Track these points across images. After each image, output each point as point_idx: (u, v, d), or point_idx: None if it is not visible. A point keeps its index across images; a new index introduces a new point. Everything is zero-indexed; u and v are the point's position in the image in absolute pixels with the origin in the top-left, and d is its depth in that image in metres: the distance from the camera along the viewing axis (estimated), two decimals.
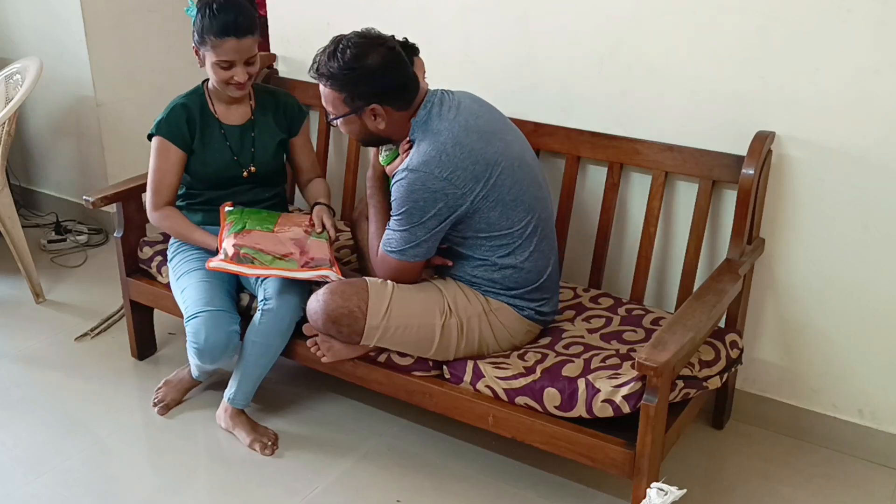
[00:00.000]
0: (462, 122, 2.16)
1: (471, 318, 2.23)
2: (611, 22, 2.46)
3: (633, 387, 2.01)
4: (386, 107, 2.15)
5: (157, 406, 2.62)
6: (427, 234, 2.15)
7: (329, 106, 2.20)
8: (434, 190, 2.10)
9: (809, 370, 2.47)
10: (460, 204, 2.12)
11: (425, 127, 2.16)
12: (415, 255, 2.18)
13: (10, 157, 3.68)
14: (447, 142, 2.12)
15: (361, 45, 2.12)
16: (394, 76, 2.14)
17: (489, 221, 2.17)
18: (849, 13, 2.14)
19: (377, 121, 2.17)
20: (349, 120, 2.20)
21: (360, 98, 2.14)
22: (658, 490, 1.69)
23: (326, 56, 2.14)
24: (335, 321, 2.20)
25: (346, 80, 2.12)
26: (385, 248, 2.21)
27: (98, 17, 3.55)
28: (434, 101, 2.19)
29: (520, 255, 2.22)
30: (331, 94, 2.17)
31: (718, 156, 2.35)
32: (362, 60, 2.11)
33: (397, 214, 2.15)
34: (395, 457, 2.47)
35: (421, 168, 2.10)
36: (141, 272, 2.80)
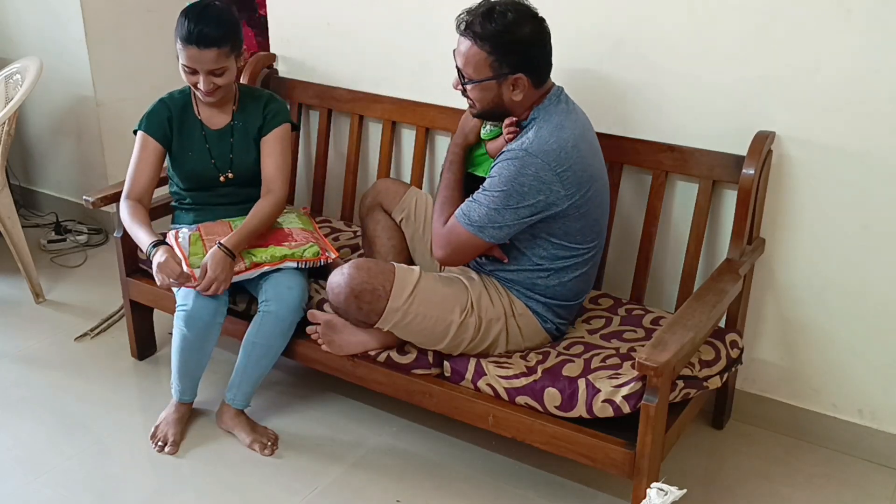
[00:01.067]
0: (581, 128, 2.16)
1: (491, 321, 2.22)
2: (611, 21, 2.46)
3: (634, 387, 2.01)
4: (529, 78, 2.11)
5: (163, 449, 2.46)
6: (515, 220, 2.11)
7: (470, 67, 2.12)
8: (543, 181, 2.07)
9: (809, 370, 2.47)
10: (558, 204, 2.11)
11: (548, 116, 2.13)
12: (492, 236, 2.14)
13: (10, 157, 3.68)
14: (569, 140, 2.10)
15: (521, 12, 2.09)
16: (544, 50, 2.12)
17: (568, 231, 2.16)
18: (849, 13, 2.14)
19: (515, 91, 2.12)
20: (487, 86, 2.13)
21: (509, 65, 2.09)
22: (658, 490, 1.69)
23: (480, 16, 2.09)
24: (357, 296, 2.18)
25: (501, 43, 2.07)
26: (463, 218, 2.15)
27: (98, 17, 3.55)
28: (560, 97, 2.18)
29: (572, 273, 2.23)
30: (478, 54, 2.09)
31: (718, 156, 2.35)
32: (520, 27, 2.07)
33: (494, 191, 2.10)
34: (395, 457, 2.47)
35: (539, 155, 2.07)
36: (141, 272, 2.80)
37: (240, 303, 2.57)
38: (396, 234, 2.54)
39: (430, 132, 2.87)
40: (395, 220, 2.55)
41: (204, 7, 2.40)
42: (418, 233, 2.54)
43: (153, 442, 2.49)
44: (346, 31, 2.98)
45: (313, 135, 3.13)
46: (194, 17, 2.37)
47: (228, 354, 2.73)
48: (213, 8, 2.41)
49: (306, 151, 3.17)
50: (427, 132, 2.86)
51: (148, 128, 2.54)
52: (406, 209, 2.54)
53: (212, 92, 2.45)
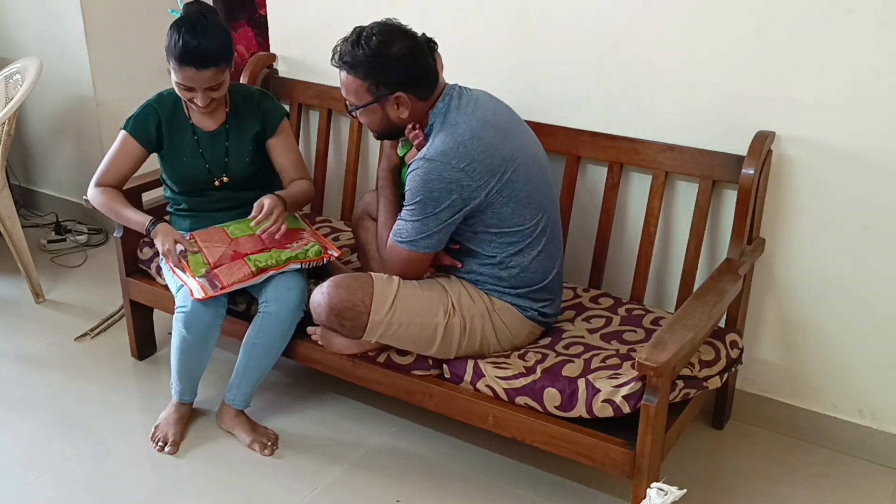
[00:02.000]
0: (480, 117, 2.16)
1: (474, 318, 2.23)
2: (611, 22, 2.46)
3: (634, 387, 2.01)
4: (410, 95, 2.14)
5: (163, 449, 2.47)
6: (439, 225, 2.14)
7: (351, 96, 2.18)
8: (450, 180, 2.09)
9: (809, 370, 2.47)
10: (474, 197, 2.12)
11: (443, 119, 2.16)
12: (426, 247, 2.17)
13: (10, 157, 3.68)
14: (465, 134, 2.12)
15: (386, 33, 2.13)
16: (418, 64, 2.14)
17: (501, 217, 2.17)
18: (849, 13, 2.14)
19: (400, 110, 2.16)
20: (371, 109, 2.18)
21: (385, 86, 2.13)
22: (658, 490, 1.69)
23: (350, 45, 2.13)
24: (339, 314, 2.20)
25: (372, 68, 2.12)
26: (395, 238, 2.20)
27: (98, 17, 3.55)
28: (453, 95, 2.20)
29: (528, 255, 2.22)
30: (354, 82, 2.15)
31: (718, 156, 2.35)
32: (388, 48, 2.11)
33: (410, 204, 2.14)
34: (395, 457, 2.47)
35: (438, 158, 2.10)
36: (141, 272, 2.80)
37: (239, 303, 2.57)
38: None
39: None
40: None
41: (195, 22, 2.32)
42: None
43: (153, 442, 2.49)
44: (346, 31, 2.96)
45: (313, 135, 3.13)
46: (189, 34, 2.30)
47: (228, 354, 2.73)
48: (204, 22, 2.33)
49: (306, 151, 3.17)
50: None
51: (133, 131, 2.51)
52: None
53: (208, 105, 2.43)
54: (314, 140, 3.12)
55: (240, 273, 2.39)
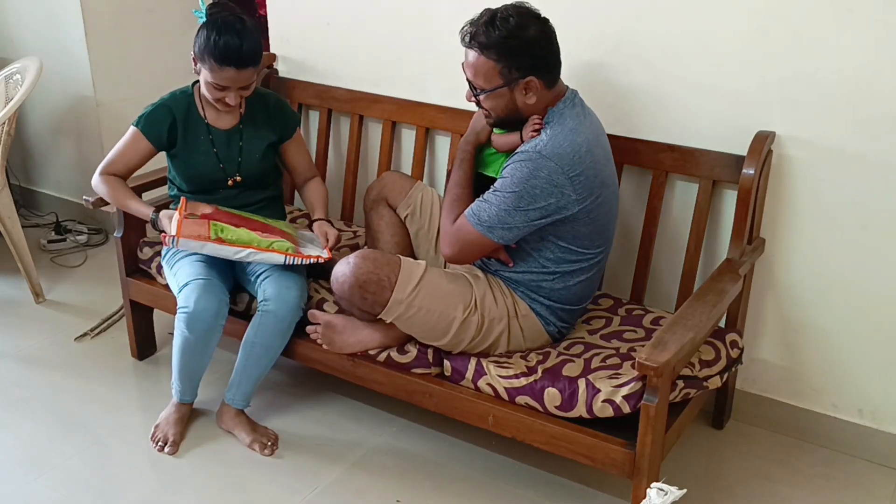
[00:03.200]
0: (595, 133, 2.16)
1: (493, 320, 2.22)
2: (611, 22, 2.46)
3: (634, 387, 2.01)
4: (541, 80, 2.11)
5: (163, 448, 2.46)
6: (524, 222, 2.11)
7: (479, 79, 2.12)
8: (555, 184, 2.07)
9: (809, 370, 2.47)
10: (569, 208, 2.10)
11: (562, 119, 2.13)
12: (501, 237, 2.14)
13: (10, 157, 3.68)
14: (583, 144, 2.09)
15: (522, 15, 2.09)
16: (551, 50, 2.12)
17: (576, 235, 2.16)
18: (849, 13, 2.14)
19: (528, 95, 2.12)
20: (500, 93, 2.13)
21: (518, 70, 2.09)
22: (658, 490, 1.69)
23: (483, 25, 2.08)
24: (362, 286, 2.18)
25: (507, 50, 2.07)
26: (473, 218, 2.14)
27: (98, 17, 3.55)
28: (574, 100, 2.17)
29: (577, 277, 2.23)
30: (486, 64, 2.09)
31: (718, 156, 2.35)
32: (525, 31, 2.07)
33: (506, 192, 2.09)
34: (395, 457, 2.47)
35: (553, 158, 2.06)
36: (141, 272, 2.80)
37: (239, 302, 2.57)
38: (400, 230, 2.53)
39: (430, 132, 2.87)
40: (400, 215, 2.54)
41: (233, 23, 2.34)
42: (423, 229, 2.53)
43: (153, 442, 2.49)
44: (346, 31, 2.98)
45: (313, 135, 3.14)
46: (228, 34, 2.31)
47: (228, 354, 2.73)
48: (240, 22, 2.35)
49: None
50: (427, 132, 2.86)
51: (144, 128, 2.51)
52: (412, 205, 2.53)
53: (235, 105, 2.44)
54: (314, 140, 3.12)
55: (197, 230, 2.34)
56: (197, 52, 2.38)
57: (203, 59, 2.37)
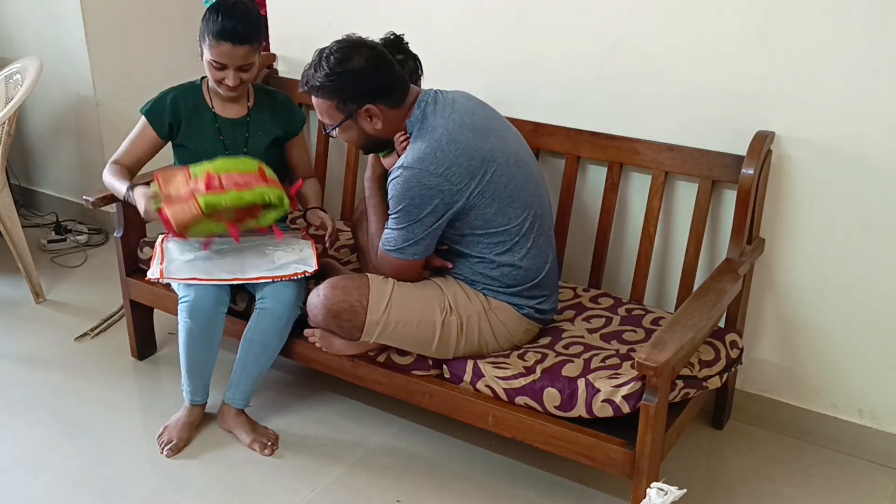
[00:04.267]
0: (457, 120, 2.16)
1: (471, 317, 2.23)
2: (611, 22, 2.46)
3: (633, 387, 2.01)
4: (379, 105, 2.15)
5: (164, 449, 2.46)
6: (425, 231, 2.15)
7: (325, 117, 2.21)
8: (429, 186, 2.10)
9: (809, 370, 2.47)
10: (456, 200, 2.13)
11: (420, 125, 2.17)
12: (414, 253, 2.19)
13: (10, 157, 3.68)
14: (441, 138, 2.12)
15: (343, 49, 2.14)
16: (381, 73, 2.15)
17: (485, 218, 2.17)
18: (848, 13, 2.14)
19: (373, 122, 2.18)
20: (346, 126, 2.20)
21: (352, 101, 2.15)
22: (658, 490, 1.69)
23: (312, 68, 2.16)
24: (336, 315, 2.21)
25: (335, 86, 2.14)
26: (385, 246, 2.22)
27: (98, 17, 3.55)
28: (428, 100, 2.20)
29: (517, 253, 2.22)
30: (323, 103, 2.18)
31: (718, 156, 2.35)
32: (347, 63, 2.12)
33: (394, 212, 2.16)
34: (395, 457, 2.47)
35: (416, 165, 2.11)
36: (141, 272, 2.80)
37: (239, 302, 2.57)
38: None
39: None
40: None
41: (234, 4, 2.43)
42: None
43: (158, 442, 2.48)
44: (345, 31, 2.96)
45: (313, 135, 3.13)
46: (227, 13, 2.40)
47: (229, 354, 2.72)
48: (242, 4, 2.45)
49: None
50: None
51: (149, 115, 2.57)
52: None
53: (237, 87, 2.48)
54: (314, 140, 3.12)
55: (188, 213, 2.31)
56: (200, 34, 2.46)
57: (203, 38, 2.44)
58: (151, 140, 2.59)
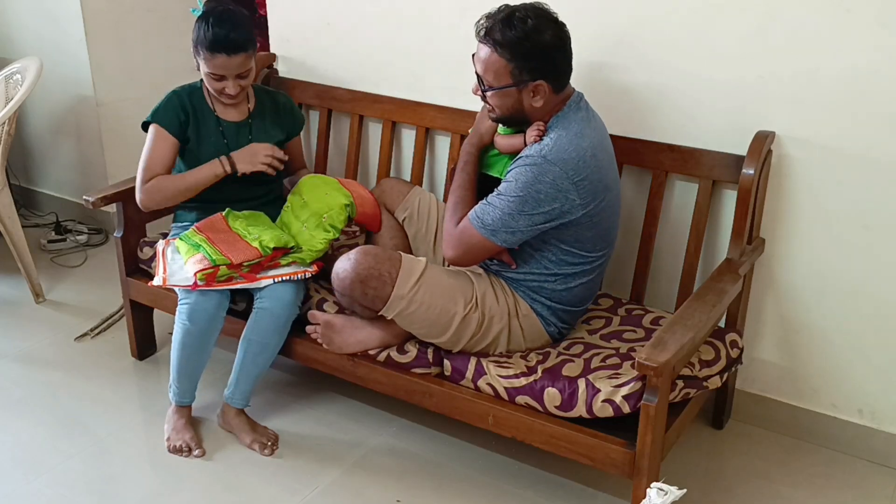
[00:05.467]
0: (600, 137, 2.15)
1: (493, 318, 2.22)
2: (611, 22, 2.46)
3: (634, 387, 2.01)
4: (550, 85, 2.10)
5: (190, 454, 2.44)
6: (528, 226, 2.10)
7: (489, 75, 2.10)
8: (560, 189, 2.06)
9: (809, 370, 2.47)
10: (573, 213, 2.10)
11: (567, 123, 2.12)
12: (504, 240, 2.13)
13: (10, 157, 3.68)
14: (588, 149, 2.08)
15: (541, 17, 2.07)
16: (564, 56, 2.11)
17: (579, 238, 2.16)
18: (848, 13, 2.14)
19: (535, 98, 2.10)
20: (507, 93, 2.11)
21: (529, 72, 2.07)
22: (658, 490, 1.69)
23: (500, 22, 2.06)
24: (363, 281, 2.17)
25: (521, 51, 2.05)
26: (476, 221, 2.14)
27: (98, 17, 3.55)
28: (580, 104, 2.16)
29: (579, 279, 2.22)
30: (498, 62, 2.07)
31: (718, 156, 2.35)
32: (541, 34, 2.05)
33: (510, 196, 2.09)
34: (395, 457, 2.47)
35: (558, 163, 2.05)
36: (141, 272, 2.80)
37: (239, 302, 2.57)
38: (399, 233, 2.54)
39: (429, 132, 2.87)
40: (398, 218, 2.55)
41: (221, 13, 2.42)
42: (421, 232, 2.54)
43: (175, 453, 2.46)
44: (346, 31, 2.98)
45: (313, 135, 3.13)
46: (218, 23, 2.39)
47: (229, 354, 2.72)
48: (231, 12, 2.44)
49: (307, 151, 3.17)
50: (427, 132, 2.86)
51: (163, 120, 2.52)
52: (409, 208, 2.54)
53: (237, 94, 2.48)
54: (314, 140, 3.12)
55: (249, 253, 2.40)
56: (193, 45, 2.45)
57: (197, 52, 2.44)
58: (171, 144, 2.53)
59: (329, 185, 2.54)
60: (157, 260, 2.54)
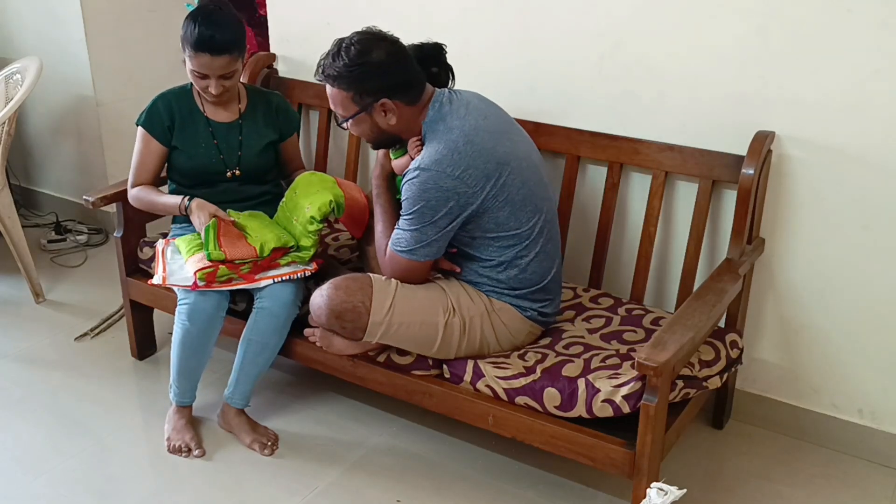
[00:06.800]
0: (472, 122, 2.15)
1: (473, 318, 2.23)
2: (611, 22, 2.46)
3: (633, 387, 2.01)
4: (395, 101, 2.13)
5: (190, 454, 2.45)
6: (438, 233, 2.14)
7: (338, 108, 2.18)
8: (446, 188, 2.09)
9: (809, 370, 2.47)
10: (471, 203, 2.12)
11: (435, 126, 2.15)
12: (425, 255, 2.18)
13: (10, 157, 3.68)
14: (458, 140, 2.11)
15: (364, 41, 2.12)
16: (400, 69, 2.13)
17: (498, 221, 2.17)
18: (849, 13, 2.14)
19: (388, 116, 2.15)
20: (360, 119, 2.18)
21: (369, 94, 2.12)
22: (658, 490, 1.69)
23: (330, 58, 2.14)
24: (339, 316, 2.20)
25: (353, 78, 2.11)
26: (395, 247, 2.20)
27: (98, 17, 3.55)
28: (442, 101, 2.18)
29: (526, 257, 2.22)
30: (339, 94, 2.15)
31: (718, 156, 2.35)
32: (367, 56, 2.10)
33: (408, 214, 2.14)
34: (395, 457, 2.47)
35: (433, 166, 2.09)
36: (141, 272, 2.80)
37: (239, 302, 2.57)
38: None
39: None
40: None
41: (211, 12, 2.42)
42: None
43: (175, 454, 2.46)
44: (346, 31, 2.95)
45: (313, 135, 3.13)
46: (204, 23, 2.38)
47: (229, 354, 2.72)
48: (220, 13, 2.43)
49: (307, 151, 3.17)
50: None
51: (148, 126, 2.55)
52: None
53: (220, 94, 2.48)
54: (314, 140, 3.12)
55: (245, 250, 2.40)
56: (181, 43, 2.45)
57: (183, 48, 2.44)
58: (157, 149, 2.57)
59: (323, 182, 2.53)
60: (156, 259, 2.55)
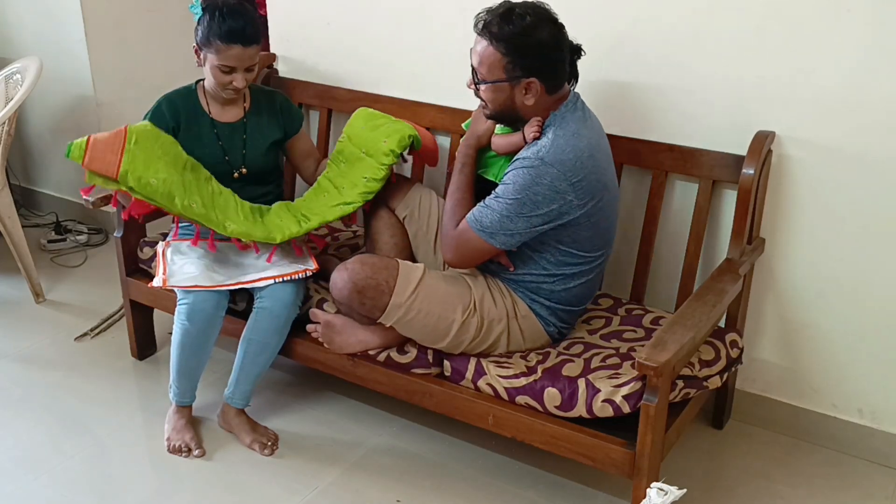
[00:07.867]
0: (597, 137, 2.15)
1: (493, 321, 2.22)
2: (611, 22, 2.46)
3: (634, 387, 2.01)
4: (542, 84, 2.10)
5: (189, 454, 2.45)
6: (527, 229, 2.11)
7: (483, 68, 2.10)
8: (557, 190, 2.06)
9: (809, 370, 2.47)
10: (570, 213, 2.10)
11: (564, 123, 2.12)
12: (503, 243, 2.13)
13: (10, 157, 3.68)
14: (585, 150, 2.08)
15: (538, 15, 2.08)
16: (559, 56, 2.11)
17: (576, 239, 2.16)
18: (848, 13, 2.14)
19: (527, 96, 2.11)
20: (499, 87, 2.12)
21: (522, 68, 2.08)
22: (658, 490, 1.69)
23: (498, 16, 2.08)
24: (360, 291, 2.18)
25: (516, 46, 2.06)
26: (475, 223, 2.14)
27: (98, 17, 3.55)
28: (577, 104, 2.16)
29: (577, 280, 2.22)
30: (493, 55, 2.08)
31: (718, 156, 2.35)
32: (537, 31, 2.06)
33: (508, 198, 2.09)
34: (395, 457, 2.47)
35: (556, 165, 2.05)
36: (141, 272, 2.80)
37: (239, 302, 2.57)
38: (399, 231, 2.53)
39: (429, 131, 2.87)
40: (399, 216, 2.54)
41: (234, 5, 2.42)
42: (422, 230, 2.53)
43: (175, 454, 2.46)
44: (346, 31, 2.98)
45: (313, 135, 3.13)
46: (231, 16, 2.38)
47: (229, 354, 2.73)
48: (241, 5, 2.44)
49: None
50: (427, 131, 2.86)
51: None
52: (410, 206, 2.53)
53: (244, 88, 2.48)
54: (314, 140, 3.12)
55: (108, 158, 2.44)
56: (201, 40, 2.43)
57: (208, 44, 2.41)
58: None
59: (387, 118, 2.51)
60: (157, 261, 2.54)
